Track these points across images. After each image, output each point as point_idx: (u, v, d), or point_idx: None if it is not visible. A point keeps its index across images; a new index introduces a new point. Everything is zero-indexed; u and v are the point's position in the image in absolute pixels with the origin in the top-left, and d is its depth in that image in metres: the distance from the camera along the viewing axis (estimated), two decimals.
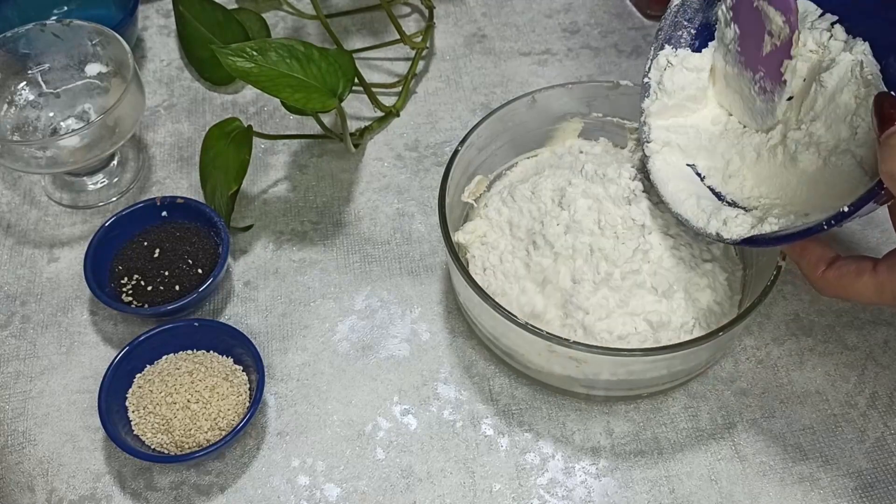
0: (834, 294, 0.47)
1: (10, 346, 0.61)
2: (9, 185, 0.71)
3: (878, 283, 0.44)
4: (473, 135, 0.59)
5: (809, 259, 0.48)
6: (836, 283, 0.46)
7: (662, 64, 0.55)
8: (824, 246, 0.47)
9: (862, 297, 0.45)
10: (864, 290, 0.45)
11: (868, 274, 0.44)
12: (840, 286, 0.46)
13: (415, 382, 0.58)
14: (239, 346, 0.57)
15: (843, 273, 0.46)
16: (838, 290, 0.46)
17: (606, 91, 0.61)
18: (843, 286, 0.46)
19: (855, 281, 0.45)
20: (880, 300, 0.44)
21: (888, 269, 0.44)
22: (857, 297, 0.45)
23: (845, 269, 0.46)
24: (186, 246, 0.62)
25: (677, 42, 0.55)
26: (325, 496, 0.54)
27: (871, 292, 0.45)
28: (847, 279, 0.46)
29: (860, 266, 0.45)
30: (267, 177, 0.70)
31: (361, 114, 0.74)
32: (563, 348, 0.50)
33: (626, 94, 0.60)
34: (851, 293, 0.46)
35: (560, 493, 0.54)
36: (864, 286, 0.45)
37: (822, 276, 0.47)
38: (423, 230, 0.67)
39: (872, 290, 0.44)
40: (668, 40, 0.55)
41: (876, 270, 0.44)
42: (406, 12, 0.83)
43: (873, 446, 0.55)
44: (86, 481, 0.55)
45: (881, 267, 0.44)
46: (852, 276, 0.45)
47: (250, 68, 0.58)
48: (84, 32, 0.67)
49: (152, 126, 0.74)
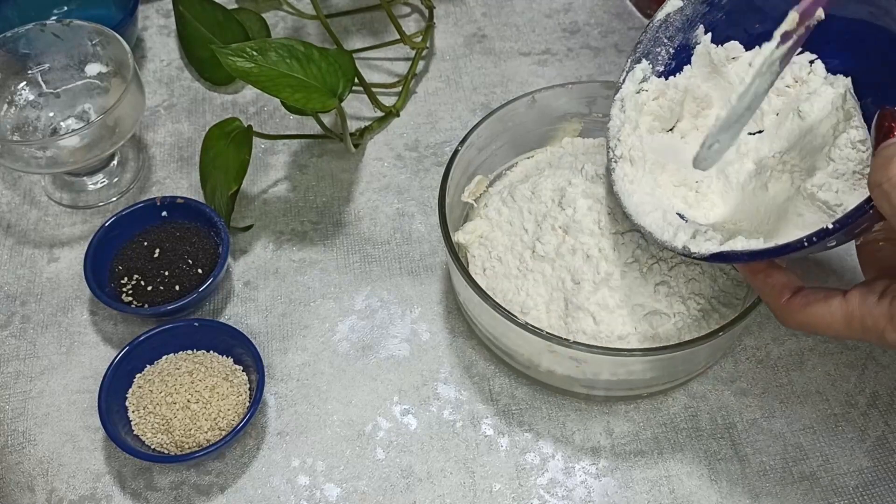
0: (798, 323, 0.44)
1: (10, 346, 0.61)
2: (9, 185, 0.71)
3: (848, 312, 0.41)
4: (473, 135, 0.59)
5: (774, 285, 0.45)
6: (801, 310, 0.43)
7: (638, 77, 0.54)
8: (790, 274, 0.45)
9: (829, 327, 0.42)
10: (831, 320, 0.42)
11: (837, 301, 0.42)
12: (806, 314, 0.43)
13: (415, 382, 0.58)
14: (239, 346, 0.57)
15: (811, 300, 0.43)
16: (803, 317, 0.43)
17: (606, 91, 0.61)
18: (809, 314, 0.43)
19: (823, 308, 0.42)
20: (848, 331, 0.42)
21: (860, 297, 0.41)
22: (823, 326, 0.43)
23: (812, 297, 0.43)
24: (186, 246, 0.62)
25: (654, 59, 0.54)
26: (325, 496, 0.54)
27: (839, 322, 0.42)
28: (814, 307, 0.43)
29: (829, 293, 0.42)
30: (267, 177, 0.70)
31: (361, 114, 0.74)
32: (563, 348, 0.50)
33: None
34: (818, 321, 0.43)
35: (560, 493, 0.54)
36: (832, 315, 0.42)
37: (786, 303, 0.44)
38: (423, 230, 0.67)
39: (841, 319, 0.42)
40: (646, 54, 0.54)
41: (846, 298, 0.42)
42: (406, 12, 0.83)
43: (874, 445, 0.55)
44: (86, 481, 0.55)
45: (852, 295, 0.42)
46: (820, 302, 0.42)
47: (250, 68, 0.58)
48: (84, 32, 0.67)
49: (152, 126, 0.74)
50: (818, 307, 0.43)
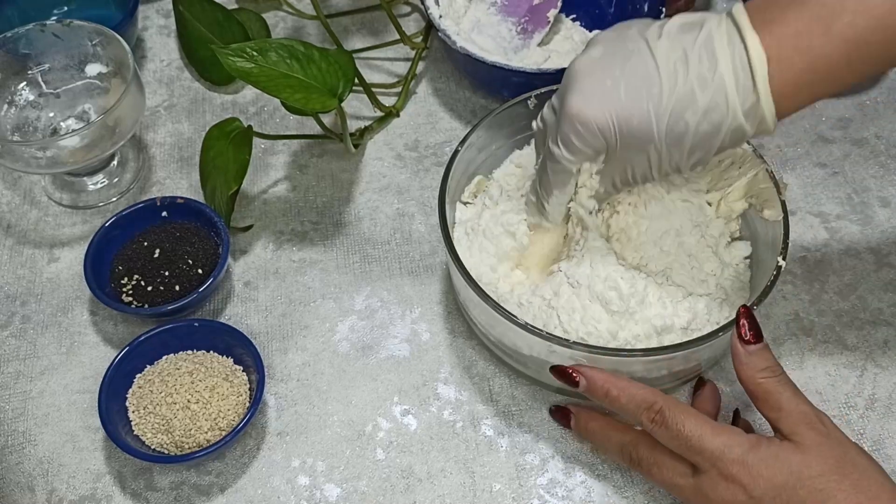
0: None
1: (10, 347, 0.61)
2: (9, 185, 0.71)
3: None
4: (473, 135, 0.59)
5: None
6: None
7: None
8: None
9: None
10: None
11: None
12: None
13: (415, 383, 0.58)
14: (239, 347, 0.57)
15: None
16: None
17: None
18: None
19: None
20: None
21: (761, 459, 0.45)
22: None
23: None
24: (186, 246, 0.62)
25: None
26: (325, 496, 0.54)
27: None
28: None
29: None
30: (267, 177, 0.70)
31: (361, 114, 0.74)
32: (563, 349, 0.50)
33: None
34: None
35: (560, 493, 0.54)
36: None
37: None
38: (423, 230, 0.67)
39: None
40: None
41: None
42: (406, 12, 0.83)
43: (871, 449, 0.55)
44: (86, 481, 0.55)
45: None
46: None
47: (250, 68, 0.58)
48: (84, 32, 0.67)
49: (152, 126, 0.74)
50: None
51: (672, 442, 0.47)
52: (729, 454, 0.45)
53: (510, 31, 0.73)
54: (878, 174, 0.68)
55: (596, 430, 0.53)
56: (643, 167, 0.48)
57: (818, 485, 0.43)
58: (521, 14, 0.73)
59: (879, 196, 0.67)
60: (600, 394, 0.50)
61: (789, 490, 0.43)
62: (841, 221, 0.66)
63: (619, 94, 0.45)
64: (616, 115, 0.46)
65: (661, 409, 0.47)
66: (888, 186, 0.68)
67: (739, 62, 0.43)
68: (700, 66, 0.44)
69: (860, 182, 0.68)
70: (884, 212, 0.66)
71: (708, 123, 0.44)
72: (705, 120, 0.44)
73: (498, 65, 0.66)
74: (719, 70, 0.43)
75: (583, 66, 0.47)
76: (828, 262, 0.63)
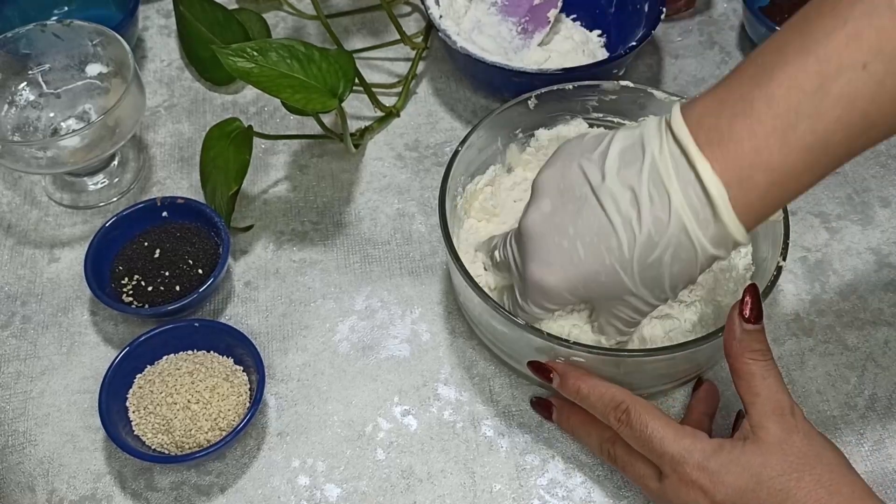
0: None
1: (10, 347, 0.61)
2: (9, 185, 0.71)
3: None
4: (474, 135, 0.59)
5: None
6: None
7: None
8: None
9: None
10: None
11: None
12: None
13: (415, 383, 0.58)
14: (239, 347, 0.57)
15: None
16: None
17: (607, 91, 0.61)
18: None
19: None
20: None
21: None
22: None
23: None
24: (187, 246, 0.62)
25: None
26: (326, 496, 0.54)
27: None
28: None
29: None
30: (267, 177, 0.70)
31: (361, 114, 0.74)
32: (563, 349, 0.50)
33: (626, 94, 0.60)
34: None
35: (560, 493, 0.54)
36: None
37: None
38: (423, 230, 0.67)
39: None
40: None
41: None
42: (406, 12, 0.83)
43: (871, 449, 0.55)
44: (86, 482, 0.55)
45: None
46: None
47: (251, 68, 0.58)
48: (84, 33, 0.67)
49: (153, 126, 0.74)
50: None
51: (636, 443, 0.47)
52: (689, 459, 0.45)
53: (510, 31, 0.73)
54: (879, 174, 0.68)
55: (577, 424, 0.53)
56: (633, 308, 0.46)
57: (777, 485, 0.43)
58: (522, 14, 0.73)
59: (880, 196, 0.67)
60: (572, 390, 0.50)
61: (750, 493, 0.43)
62: (841, 221, 0.66)
63: (578, 256, 0.44)
64: (581, 276, 0.45)
65: (627, 408, 0.47)
66: (888, 186, 0.68)
67: (695, 195, 0.40)
68: (653, 208, 0.41)
69: (861, 182, 0.68)
70: (884, 212, 0.66)
71: (678, 263, 0.42)
72: (675, 261, 0.42)
73: (498, 65, 0.66)
74: (674, 207, 0.41)
75: (535, 228, 0.46)
76: (828, 262, 0.63)
